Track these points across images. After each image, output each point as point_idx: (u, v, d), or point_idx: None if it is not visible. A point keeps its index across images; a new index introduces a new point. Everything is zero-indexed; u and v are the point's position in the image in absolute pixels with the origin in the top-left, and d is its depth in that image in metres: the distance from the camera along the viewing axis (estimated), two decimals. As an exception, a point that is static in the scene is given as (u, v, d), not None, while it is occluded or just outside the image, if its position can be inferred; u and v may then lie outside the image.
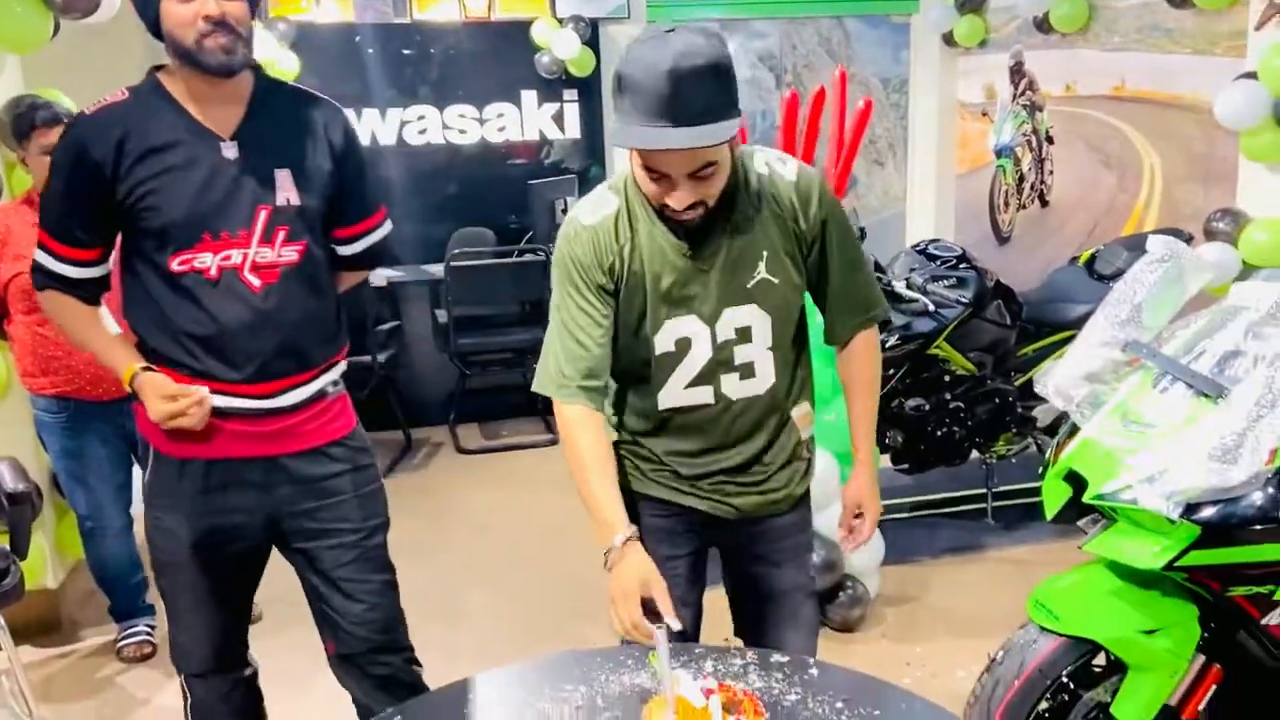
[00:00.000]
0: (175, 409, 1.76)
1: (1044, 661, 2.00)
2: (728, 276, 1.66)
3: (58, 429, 2.88)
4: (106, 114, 1.74)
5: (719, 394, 1.72)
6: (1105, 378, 2.05)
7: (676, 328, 1.67)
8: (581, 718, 1.40)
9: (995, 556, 3.70)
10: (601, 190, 1.70)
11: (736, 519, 1.80)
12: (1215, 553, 1.82)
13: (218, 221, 1.77)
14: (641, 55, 1.46)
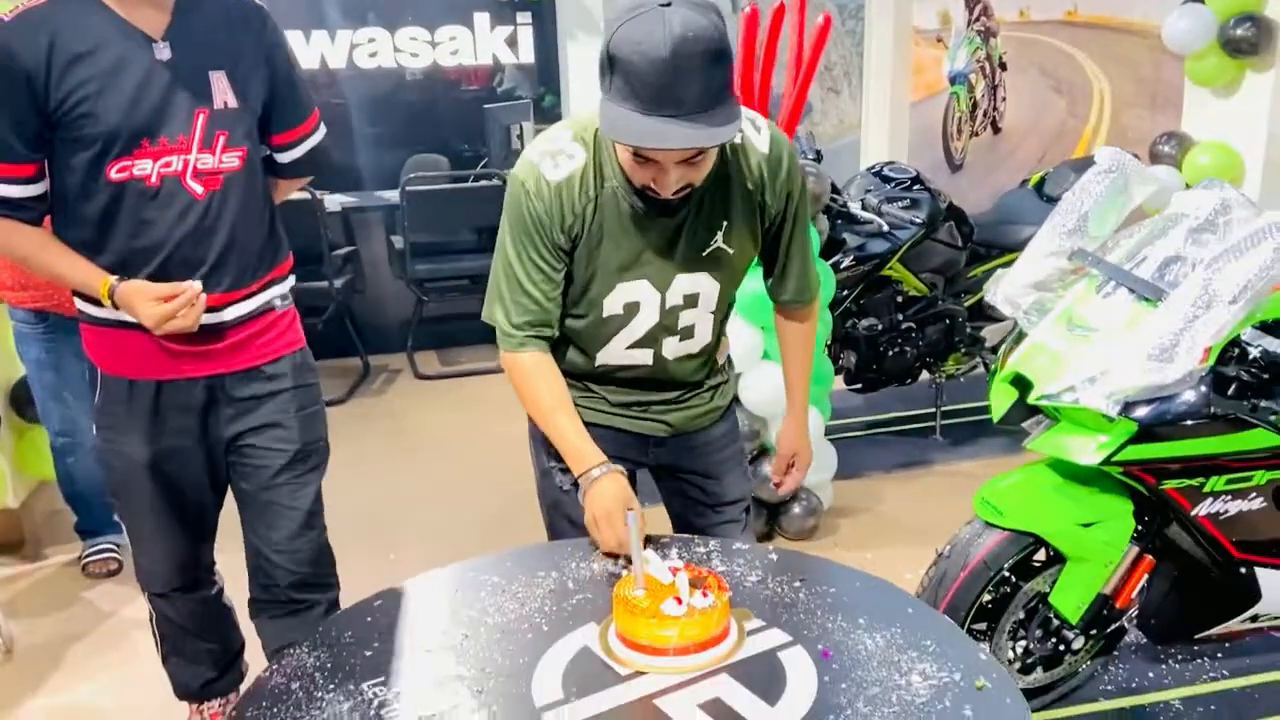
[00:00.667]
0: (168, 310, 1.70)
1: (988, 554, 2.11)
2: (685, 244, 1.61)
3: (35, 341, 2.88)
4: (27, 19, 1.63)
5: (658, 356, 1.72)
6: (1052, 285, 2.13)
7: (627, 292, 1.63)
8: (553, 600, 1.47)
9: (942, 470, 3.83)
10: (566, 137, 1.59)
11: (668, 435, 1.81)
12: (1150, 448, 1.93)
13: (156, 126, 1.70)
14: (636, 36, 1.34)
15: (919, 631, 1.37)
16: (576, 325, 1.68)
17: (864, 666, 1.29)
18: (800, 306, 1.84)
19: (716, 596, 1.34)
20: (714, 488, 1.87)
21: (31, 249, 1.77)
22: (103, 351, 1.83)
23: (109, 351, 1.83)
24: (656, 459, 1.85)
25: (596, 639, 1.37)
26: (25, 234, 1.75)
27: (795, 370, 1.91)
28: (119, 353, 1.80)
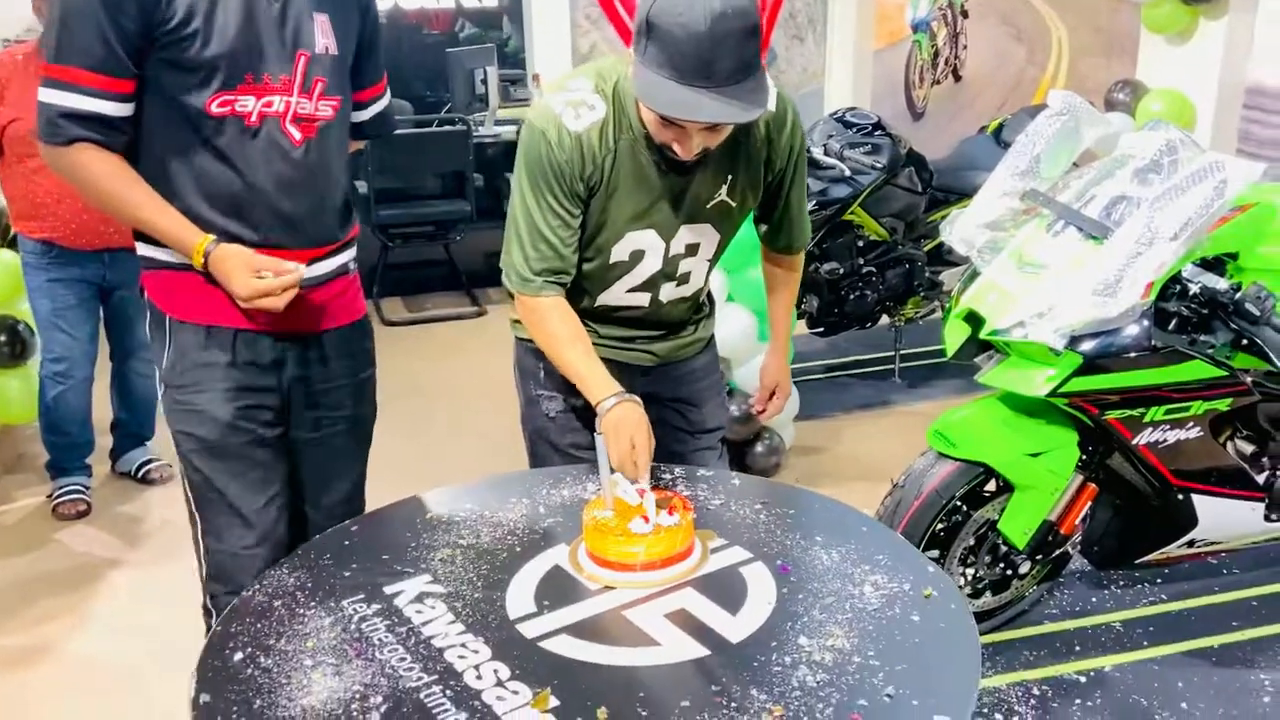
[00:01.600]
0: (265, 286, 1.56)
1: (941, 484, 2.21)
2: (692, 196, 1.68)
3: (40, 270, 2.97)
4: None
5: (654, 299, 1.80)
6: (1005, 225, 2.20)
7: (634, 240, 1.69)
8: (525, 524, 1.53)
9: (901, 411, 3.94)
10: (587, 88, 1.62)
11: (654, 364, 1.88)
12: (1094, 379, 2.02)
13: (261, 62, 1.57)
14: (677, 7, 1.39)
15: (871, 548, 1.44)
16: (582, 268, 1.73)
17: (820, 579, 1.37)
18: (792, 254, 1.94)
19: (681, 516, 1.41)
20: (695, 415, 1.94)
21: (118, 185, 1.57)
22: (175, 297, 1.65)
23: (183, 296, 1.65)
24: (641, 388, 1.89)
25: (567, 558, 1.43)
26: (112, 165, 1.56)
27: (781, 309, 2.01)
28: (194, 297, 1.63)
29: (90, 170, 1.55)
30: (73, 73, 1.50)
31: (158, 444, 3.42)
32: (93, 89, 1.51)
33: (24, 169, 2.86)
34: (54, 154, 1.55)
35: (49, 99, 1.52)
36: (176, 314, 1.66)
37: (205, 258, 1.57)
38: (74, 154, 1.54)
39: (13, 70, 2.82)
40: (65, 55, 1.50)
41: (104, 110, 1.53)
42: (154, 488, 3.31)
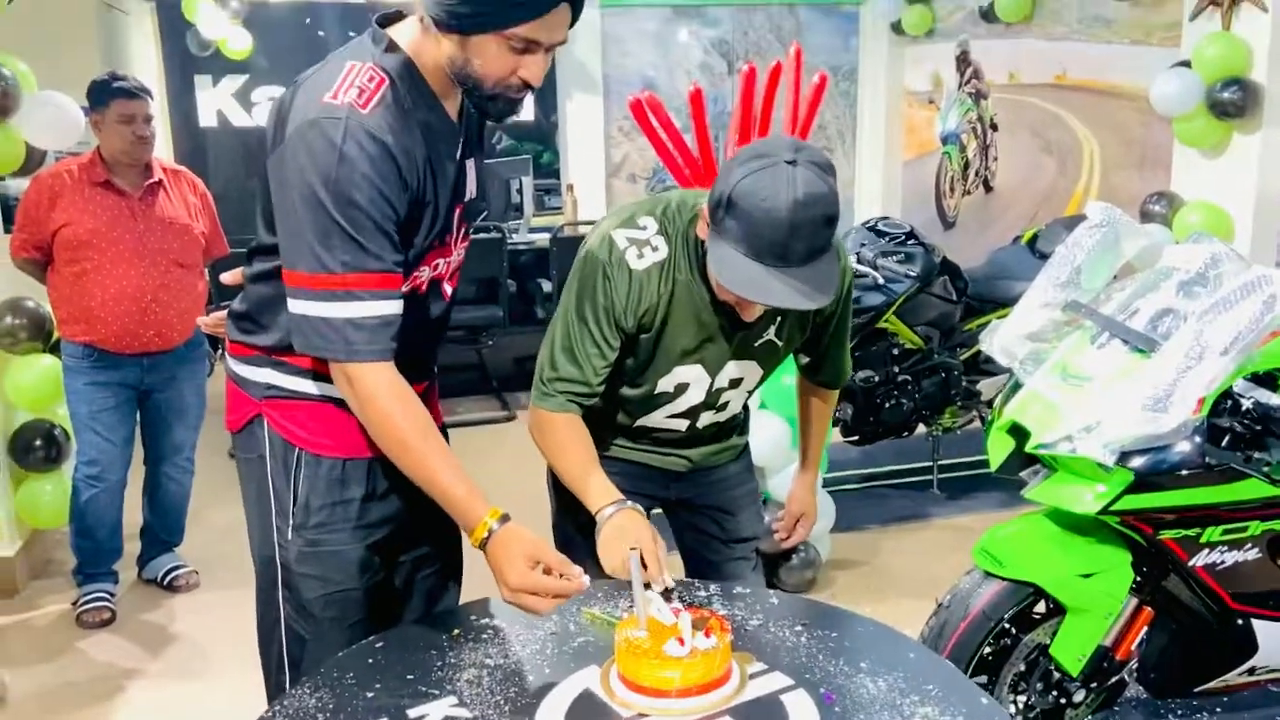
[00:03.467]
0: (543, 584, 1.38)
1: (988, 605, 2.12)
2: (741, 336, 1.70)
3: (80, 373, 3.01)
4: (382, 105, 1.38)
5: (692, 425, 1.81)
6: (1046, 336, 2.16)
7: (681, 374, 1.71)
8: (554, 643, 1.47)
9: (940, 524, 3.84)
10: (652, 229, 1.63)
11: (687, 470, 1.87)
12: (1147, 497, 1.95)
13: (445, 231, 1.54)
14: (761, 191, 1.41)
15: (921, 676, 1.37)
16: (626, 394, 1.75)
17: (866, 710, 1.29)
18: (831, 389, 1.96)
19: (719, 638, 1.34)
20: (729, 523, 1.92)
21: (414, 425, 1.43)
22: (310, 428, 1.56)
23: (319, 428, 1.56)
24: (675, 493, 1.90)
25: (598, 681, 1.37)
26: (408, 399, 1.44)
27: (813, 435, 2.02)
28: (329, 428, 1.55)
29: (391, 402, 1.42)
30: (365, 278, 1.38)
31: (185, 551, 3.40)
32: (383, 290, 1.40)
33: (71, 274, 2.92)
34: (352, 377, 1.41)
35: (338, 313, 1.38)
36: (313, 446, 1.56)
37: (488, 534, 1.42)
38: (372, 376, 1.41)
39: (67, 180, 2.91)
40: (357, 261, 1.37)
41: (390, 312, 1.41)
42: (179, 595, 3.27)
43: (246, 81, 6.33)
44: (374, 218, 1.37)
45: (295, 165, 1.37)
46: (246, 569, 3.38)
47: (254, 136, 6.46)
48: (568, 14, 1.38)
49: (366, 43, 1.46)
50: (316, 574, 1.58)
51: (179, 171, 3.13)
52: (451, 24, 1.36)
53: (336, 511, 1.58)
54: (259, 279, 1.57)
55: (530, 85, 1.41)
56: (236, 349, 1.63)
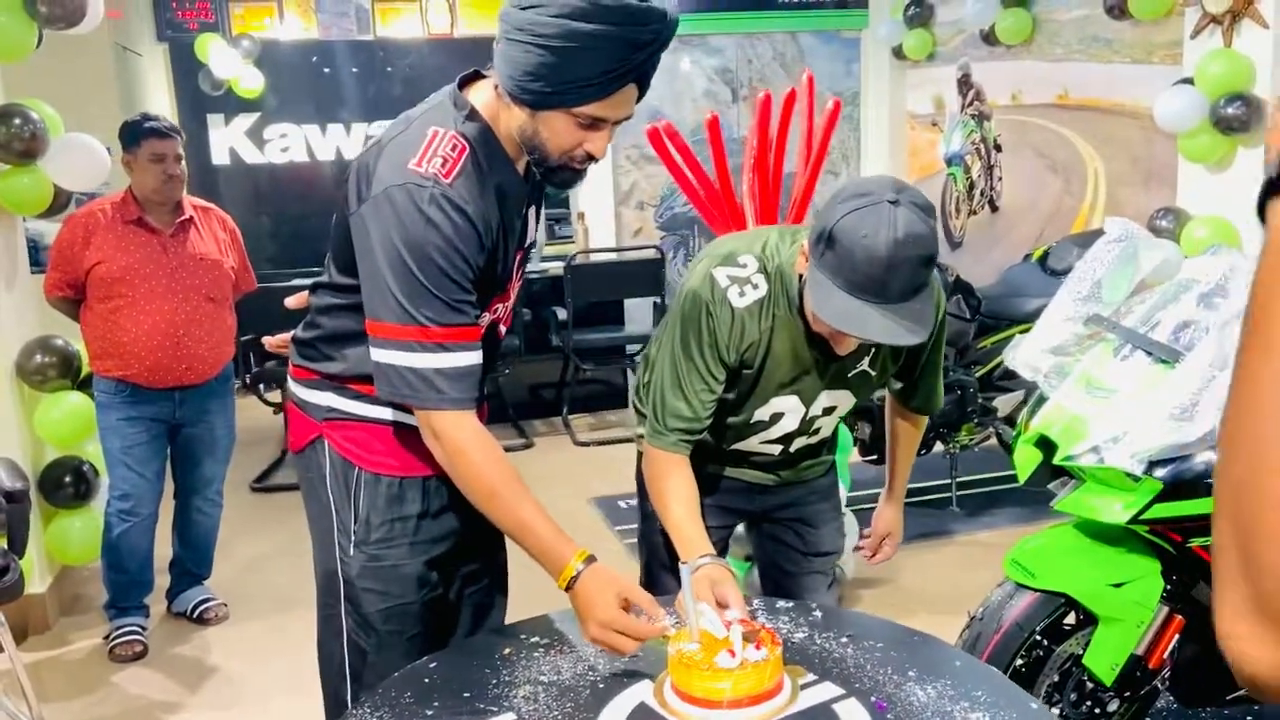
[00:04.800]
0: (628, 625, 1.41)
1: (1021, 616, 2.14)
2: (835, 369, 1.75)
3: (112, 409, 3.05)
4: (463, 175, 1.46)
5: (785, 451, 1.88)
6: (1069, 350, 2.20)
7: (777, 404, 1.78)
8: (606, 659, 1.49)
9: (962, 540, 3.85)
10: (752, 267, 1.69)
11: (775, 484, 1.93)
12: (1176, 505, 1.97)
13: (506, 279, 1.61)
14: (862, 228, 1.45)
15: (969, 683, 1.39)
16: (726, 420, 1.81)
17: (918, 717, 1.32)
18: (924, 414, 2.01)
19: (770, 650, 1.37)
20: (810, 536, 1.98)
21: (507, 476, 1.49)
22: (369, 448, 1.63)
23: (376, 448, 1.63)
24: (759, 505, 1.96)
25: (652, 694, 1.39)
26: (492, 447, 1.50)
27: (902, 459, 2.08)
28: (386, 448, 1.62)
29: (475, 450, 1.48)
30: (455, 332, 1.46)
31: (213, 584, 3.42)
32: (470, 343, 1.48)
33: (104, 310, 2.97)
34: (438, 427, 1.48)
35: (426, 364, 1.45)
36: (367, 465, 1.63)
37: (576, 574, 1.45)
38: (458, 425, 1.47)
39: (100, 219, 2.97)
40: (442, 317, 1.44)
41: (470, 363, 1.48)
42: (210, 628, 3.29)
43: (258, 120, 6.41)
44: (456, 280, 1.46)
45: (381, 228, 1.45)
46: (274, 600, 3.45)
47: (266, 174, 6.54)
48: (634, 92, 1.45)
49: (448, 106, 1.52)
50: (377, 588, 1.63)
51: (209, 209, 3.19)
52: (524, 98, 1.43)
53: (395, 528, 1.64)
54: (326, 312, 1.64)
55: (594, 157, 1.48)
56: (300, 373, 1.69)
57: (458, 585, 1.78)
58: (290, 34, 6.21)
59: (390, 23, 6.49)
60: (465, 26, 6.48)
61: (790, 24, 7.14)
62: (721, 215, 3.08)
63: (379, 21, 6.44)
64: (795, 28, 7.16)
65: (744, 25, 7.06)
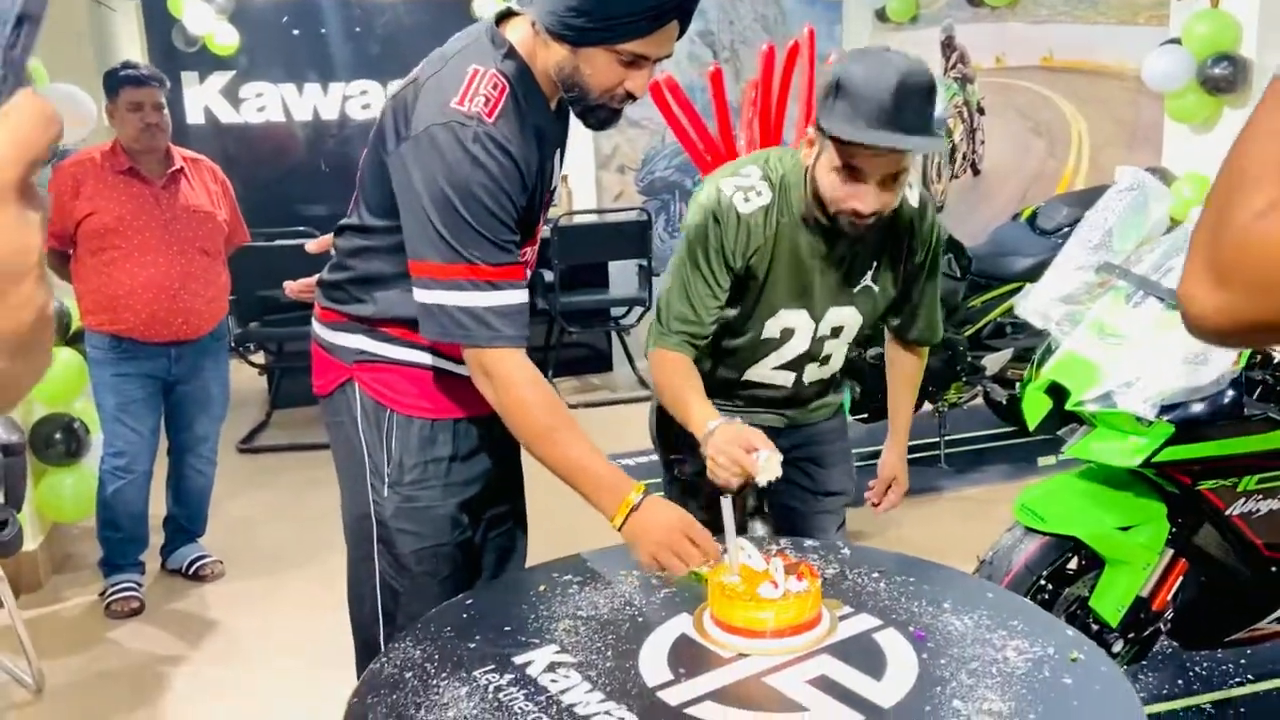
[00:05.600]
0: (687, 553, 1.44)
1: (1030, 559, 2.17)
2: (841, 279, 1.78)
3: (106, 364, 2.99)
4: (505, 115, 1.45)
5: (798, 380, 1.88)
6: (1080, 298, 2.22)
7: (786, 318, 1.79)
8: (641, 594, 1.50)
9: (950, 496, 3.90)
10: (756, 175, 1.73)
11: (784, 425, 1.94)
12: (1188, 449, 2.01)
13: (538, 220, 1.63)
14: (867, 70, 1.53)
15: (1004, 613, 1.41)
16: (734, 343, 1.83)
17: (958, 645, 1.34)
18: (925, 345, 2.03)
19: (810, 582, 1.38)
20: (820, 475, 2.00)
21: (561, 414, 1.49)
22: (401, 389, 1.62)
23: (409, 389, 1.63)
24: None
25: (692, 626, 1.40)
26: (548, 386, 1.50)
27: (904, 400, 2.08)
28: (419, 391, 1.62)
29: (527, 386, 1.47)
30: (505, 270, 1.46)
31: (205, 542, 3.40)
32: (519, 281, 1.48)
33: (97, 263, 2.90)
34: (490, 364, 1.46)
35: (478, 302, 1.43)
36: (400, 406, 1.62)
37: (635, 506, 1.45)
38: (511, 361, 1.46)
39: (90, 168, 2.90)
40: (491, 256, 1.44)
41: (522, 300, 1.47)
42: (206, 584, 3.26)
43: (234, 78, 6.28)
44: (503, 219, 1.45)
45: (425, 167, 1.43)
46: (266, 559, 3.43)
47: (242, 133, 6.42)
48: (675, 29, 1.44)
49: (485, 44, 1.50)
50: (412, 529, 1.64)
51: (198, 159, 3.12)
52: (565, 35, 1.42)
53: (429, 470, 1.64)
54: (356, 254, 1.62)
55: (633, 96, 1.47)
56: (328, 315, 1.67)
57: (483, 528, 1.79)
58: (266, -10, 6.09)
59: (371, -21, 6.38)
60: (444, -17, 6.38)
61: (772, -15, 7.09)
62: (721, 169, 3.07)
63: (356, -22, 6.33)
64: (778, -11, 7.12)
65: (726, -14, 7.00)
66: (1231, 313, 0.67)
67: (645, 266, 5.48)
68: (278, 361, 4.93)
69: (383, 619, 1.66)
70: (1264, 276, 0.65)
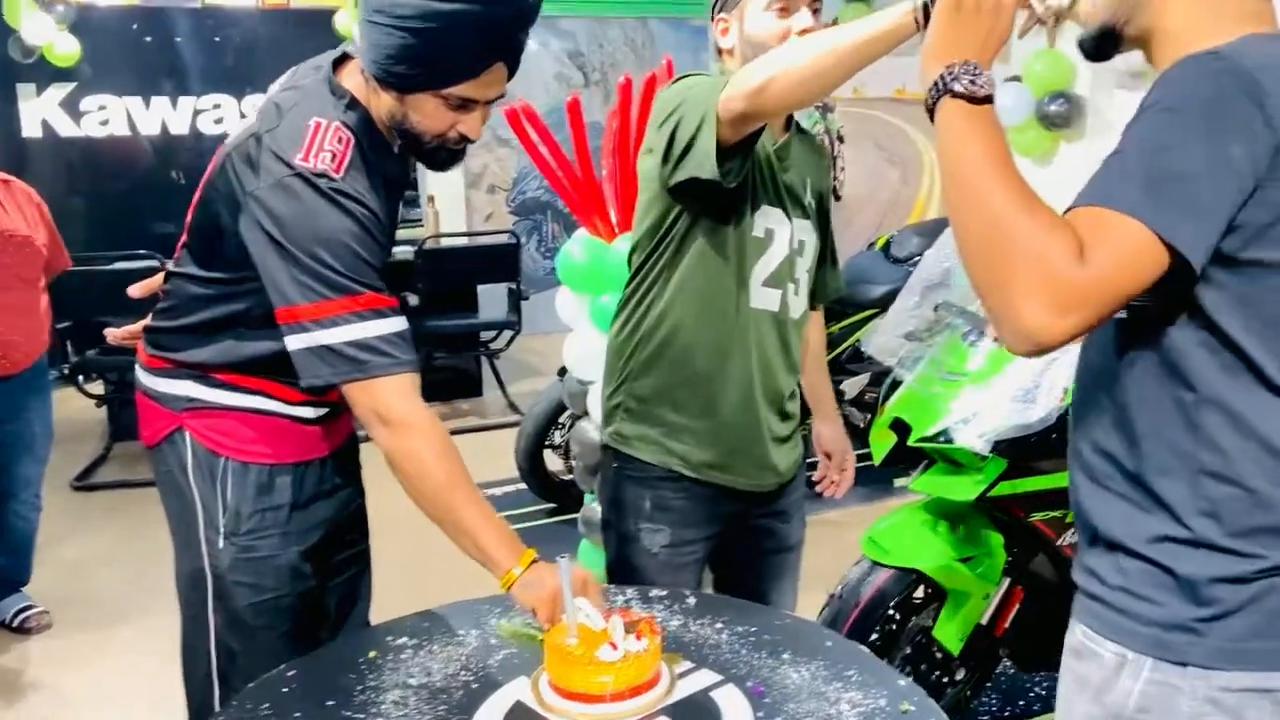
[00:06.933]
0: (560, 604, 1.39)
1: (877, 592, 2.22)
2: (795, 185, 1.74)
3: None
4: (353, 168, 1.43)
5: (784, 302, 1.75)
6: (921, 335, 2.29)
7: (767, 216, 1.71)
8: (476, 658, 1.45)
9: (813, 520, 3.93)
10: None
11: (776, 487, 1.86)
12: (1019, 483, 2.09)
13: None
14: None
15: (840, 663, 1.42)
16: (727, 255, 1.69)
17: (795, 699, 1.33)
18: (828, 301, 1.98)
19: (650, 640, 1.36)
20: (783, 531, 1.93)
21: (459, 470, 1.42)
22: (236, 436, 1.56)
23: (244, 435, 1.57)
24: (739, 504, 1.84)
25: (529, 691, 1.36)
26: (446, 441, 1.43)
27: (823, 374, 2.05)
28: (254, 436, 1.57)
29: (430, 436, 1.40)
30: (381, 299, 1.41)
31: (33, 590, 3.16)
32: (396, 309, 1.42)
33: None
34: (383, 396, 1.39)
35: (363, 334, 1.38)
36: (236, 454, 1.56)
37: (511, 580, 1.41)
38: (407, 405, 1.40)
39: None
40: (363, 286, 1.39)
41: (401, 329, 1.42)
42: (31, 638, 3.04)
43: (74, 90, 5.94)
44: (370, 262, 1.42)
45: (284, 217, 1.39)
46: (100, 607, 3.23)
47: (83, 147, 6.07)
48: (503, 71, 1.42)
49: (325, 94, 1.47)
50: (250, 581, 1.56)
51: (9, 181, 2.91)
52: (390, 82, 1.40)
53: (266, 518, 1.58)
54: (189, 302, 1.56)
55: (469, 139, 1.46)
56: (155, 363, 1.60)
57: (326, 575, 1.71)
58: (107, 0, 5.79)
59: (223, -10, 6.14)
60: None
61: (640, 9, 7.16)
62: (582, 198, 3.05)
63: (210, -12, 6.08)
64: (645, 13, 7.18)
65: (594, 9, 7.03)
66: (1074, 332, 0.94)
67: (515, 289, 5.42)
68: (116, 392, 4.65)
69: (218, 681, 1.57)
70: (1101, 302, 0.94)
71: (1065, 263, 0.92)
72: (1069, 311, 0.92)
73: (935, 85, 1.06)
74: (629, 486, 1.80)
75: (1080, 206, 0.98)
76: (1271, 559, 1.05)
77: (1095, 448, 1.16)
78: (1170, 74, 1.02)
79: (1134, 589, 1.11)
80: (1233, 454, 1.05)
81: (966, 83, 1.04)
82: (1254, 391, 1.04)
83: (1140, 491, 1.11)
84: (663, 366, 1.75)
